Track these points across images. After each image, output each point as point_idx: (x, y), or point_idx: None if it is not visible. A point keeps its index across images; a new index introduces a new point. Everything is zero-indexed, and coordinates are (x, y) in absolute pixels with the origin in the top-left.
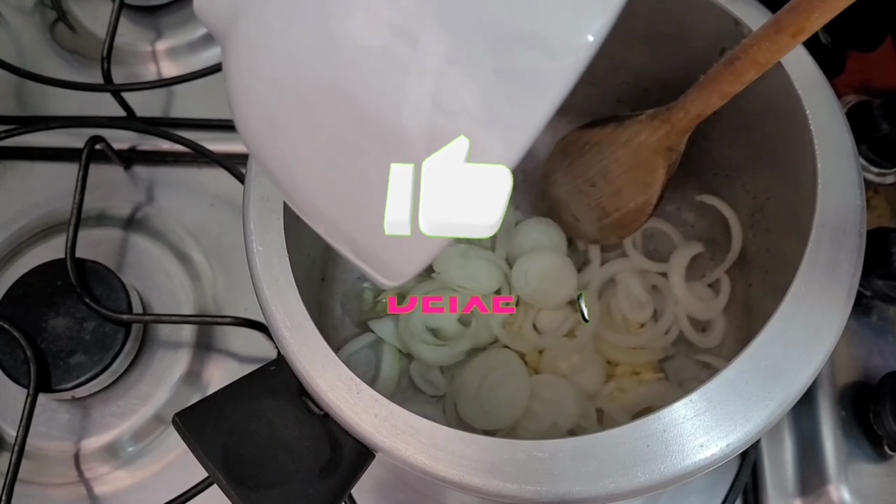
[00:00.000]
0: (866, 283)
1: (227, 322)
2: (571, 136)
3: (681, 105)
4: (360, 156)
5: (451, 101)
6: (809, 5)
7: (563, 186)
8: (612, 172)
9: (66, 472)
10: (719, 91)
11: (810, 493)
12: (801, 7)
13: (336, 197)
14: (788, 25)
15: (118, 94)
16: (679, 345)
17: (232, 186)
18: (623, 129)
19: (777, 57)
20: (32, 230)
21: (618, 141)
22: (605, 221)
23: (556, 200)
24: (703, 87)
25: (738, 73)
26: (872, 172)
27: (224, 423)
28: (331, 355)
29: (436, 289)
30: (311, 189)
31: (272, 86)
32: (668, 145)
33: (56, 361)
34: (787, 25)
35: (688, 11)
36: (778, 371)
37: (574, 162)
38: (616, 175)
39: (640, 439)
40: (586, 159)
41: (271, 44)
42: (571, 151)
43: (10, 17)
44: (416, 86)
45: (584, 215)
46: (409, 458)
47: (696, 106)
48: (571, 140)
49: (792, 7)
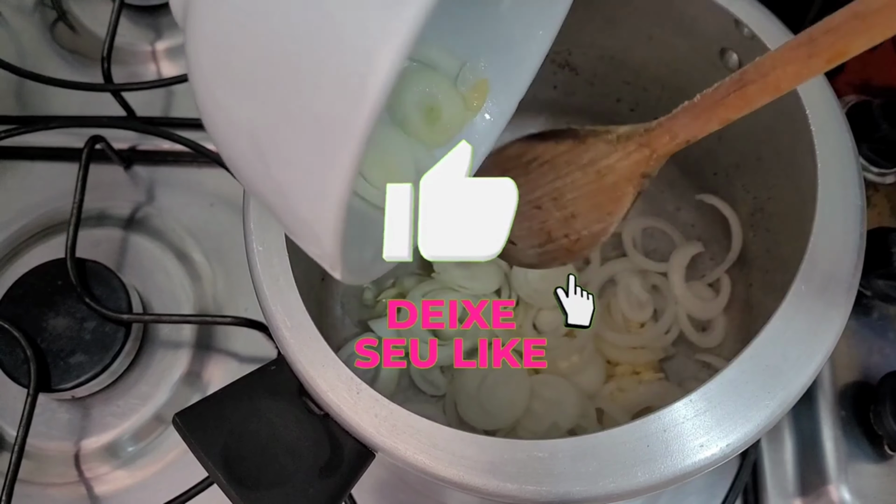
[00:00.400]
0: (866, 282)
1: (227, 322)
2: (512, 150)
3: (667, 127)
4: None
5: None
6: (856, 29)
7: None
8: (564, 196)
9: (66, 472)
10: (720, 116)
11: (810, 493)
12: (842, 29)
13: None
14: (826, 49)
15: (118, 94)
16: (679, 344)
17: (232, 186)
18: (585, 149)
19: (802, 82)
20: (33, 230)
21: (576, 161)
22: (549, 247)
23: None
24: (699, 110)
25: (749, 99)
26: (872, 172)
27: (224, 422)
28: (331, 355)
29: (436, 289)
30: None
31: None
32: (643, 171)
33: (56, 361)
34: (823, 49)
35: (688, 10)
36: (778, 371)
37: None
38: (570, 199)
39: (640, 439)
40: (532, 178)
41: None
42: (512, 167)
43: (10, 17)
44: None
45: (523, 239)
46: (410, 458)
47: (688, 130)
48: (513, 154)
49: (832, 28)
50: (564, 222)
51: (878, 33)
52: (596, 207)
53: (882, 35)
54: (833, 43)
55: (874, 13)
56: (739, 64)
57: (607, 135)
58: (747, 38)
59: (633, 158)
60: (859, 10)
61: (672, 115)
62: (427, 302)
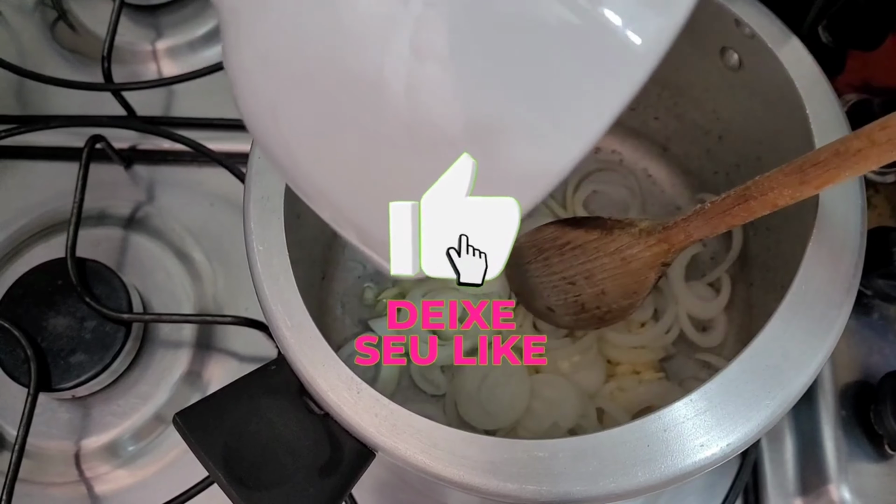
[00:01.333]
0: (867, 282)
1: (228, 321)
2: (549, 232)
3: (682, 227)
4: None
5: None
6: (839, 165)
7: (538, 279)
8: (595, 276)
9: (66, 472)
10: (727, 223)
11: (811, 493)
12: (829, 164)
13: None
14: (814, 179)
15: (118, 94)
16: (679, 344)
17: (232, 186)
18: (612, 239)
19: (797, 201)
20: (33, 229)
21: (604, 249)
22: (583, 316)
23: (527, 289)
24: (710, 216)
25: (751, 212)
26: (873, 172)
27: (224, 422)
28: (331, 355)
29: (436, 288)
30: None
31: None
32: (662, 261)
33: (56, 361)
34: (812, 178)
35: None
36: (778, 370)
37: (551, 259)
38: (601, 279)
39: (641, 439)
40: (566, 258)
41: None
42: (548, 248)
43: (10, 17)
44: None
45: (560, 308)
46: (410, 458)
47: (700, 232)
48: (549, 237)
49: (819, 163)
50: (596, 297)
51: (858, 169)
52: (622, 287)
53: (862, 171)
54: (820, 175)
55: (853, 154)
56: (740, 63)
57: (631, 228)
58: (747, 37)
59: (653, 251)
60: (840, 150)
61: (686, 218)
62: (427, 302)
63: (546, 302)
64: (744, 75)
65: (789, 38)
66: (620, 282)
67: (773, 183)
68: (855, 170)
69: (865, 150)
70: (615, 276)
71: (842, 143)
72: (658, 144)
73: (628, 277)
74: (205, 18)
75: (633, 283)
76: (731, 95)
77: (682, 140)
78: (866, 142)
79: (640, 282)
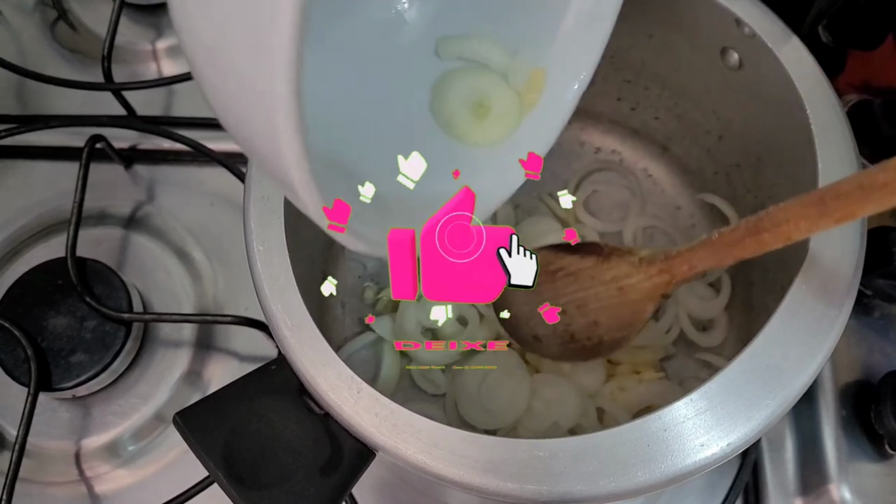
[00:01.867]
0: (867, 282)
1: (228, 321)
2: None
3: (686, 258)
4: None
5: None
6: (864, 198)
7: (525, 306)
8: (588, 305)
9: (66, 471)
10: (735, 255)
11: (811, 493)
12: (852, 197)
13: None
14: (835, 212)
15: (119, 93)
16: (680, 344)
17: (232, 185)
18: (609, 267)
19: (812, 234)
20: (33, 229)
21: (600, 277)
22: (572, 346)
23: (513, 315)
24: (717, 247)
25: (763, 244)
26: None
27: (224, 422)
28: (331, 354)
29: None
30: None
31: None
32: (662, 293)
33: (57, 360)
34: (833, 211)
35: (689, 9)
36: (779, 370)
37: (541, 285)
38: (593, 308)
39: (641, 438)
40: (558, 285)
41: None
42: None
43: (10, 16)
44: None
45: (548, 337)
46: (410, 458)
47: (706, 263)
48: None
49: (841, 195)
50: (587, 327)
51: (881, 203)
52: (617, 318)
53: (886, 205)
54: (841, 207)
55: (878, 187)
56: (740, 63)
57: (630, 256)
58: (748, 36)
59: (653, 281)
60: (864, 183)
61: (691, 248)
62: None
63: (533, 330)
64: (744, 75)
65: (790, 37)
66: (615, 313)
67: (788, 214)
68: (880, 204)
69: (891, 183)
70: (610, 307)
71: (866, 175)
72: (658, 144)
73: (624, 308)
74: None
75: (628, 315)
76: (731, 95)
77: (683, 140)
78: (893, 174)
79: (637, 313)
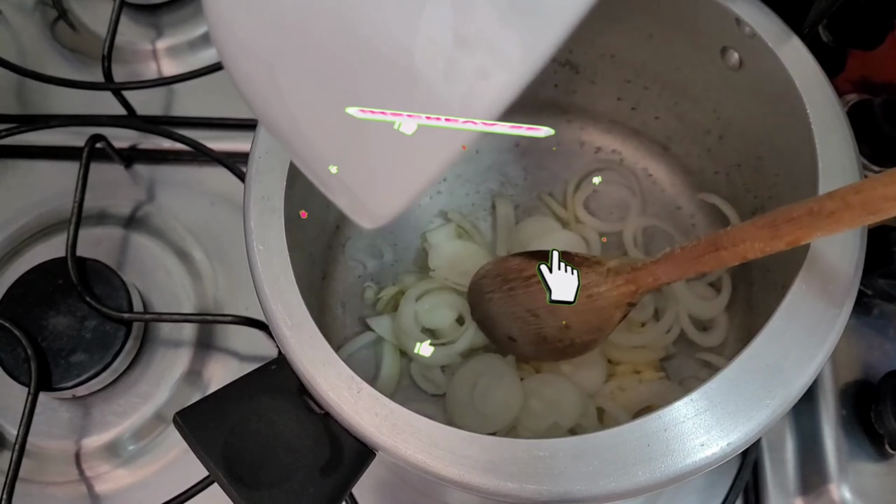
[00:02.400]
0: (867, 281)
1: (228, 321)
2: (515, 263)
3: (651, 270)
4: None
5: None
6: (812, 225)
7: (500, 308)
8: (560, 310)
9: (66, 471)
10: (696, 269)
11: (811, 492)
12: (802, 223)
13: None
14: (786, 235)
15: (119, 93)
16: (680, 344)
17: (232, 185)
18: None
19: (766, 254)
20: (33, 229)
21: None
22: (545, 347)
23: (488, 316)
24: (680, 261)
25: (721, 261)
26: (874, 171)
27: (225, 421)
28: (331, 354)
29: (435, 288)
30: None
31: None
32: (629, 301)
33: (57, 360)
34: (784, 234)
35: (689, 9)
36: (779, 370)
37: (517, 290)
38: (565, 314)
39: (641, 438)
40: (532, 291)
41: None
42: (514, 278)
43: (10, 16)
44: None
45: (522, 338)
46: (410, 458)
47: (668, 275)
48: (515, 267)
49: (792, 219)
50: (559, 330)
51: (830, 230)
52: (587, 323)
53: (835, 231)
54: (792, 231)
55: (826, 215)
56: (740, 63)
57: (598, 266)
58: (748, 36)
59: (620, 291)
60: (814, 209)
61: (656, 260)
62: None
63: (508, 331)
64: (744, 75)
65: (790, 37)
66: (585, 318)
67: (744, 235)
68: (827, 230)
69: (839, 213)
70: (580, 312)
71: (816, 202)
72: (658, 144)
73: (593, 314)
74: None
75: (597, 320)
76: (731, 95)
77: (683, 140)
78: (840, 203)
79: (605, 319)
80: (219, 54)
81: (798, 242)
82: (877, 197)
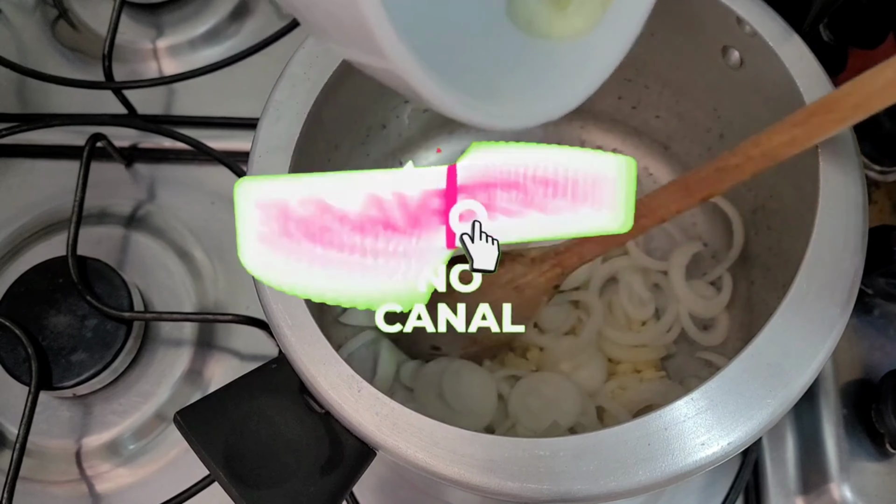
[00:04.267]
0: (868, 281)
1: (229, 320)
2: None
3: (575, 251)
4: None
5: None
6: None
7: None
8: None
9: (67, 470)
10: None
11: (812, 492)
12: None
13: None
14: (697, 192)
15: (119, 92)
16: (681, 343)
17: (233, 184)
18: (505, 271)
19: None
20: (34, 228)
21: (497, 282)
22: (473, 349)
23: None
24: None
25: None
26: (874, 170)
27: (225, 421)
28: (332, 353)
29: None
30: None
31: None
32: (555, 284)
33: (57, 359)
34: (696, 192)
35: (690, 8)
36: (779, 369)
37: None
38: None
39: (642, 437)
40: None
41: None
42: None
43: (11, 15)
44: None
45: (448, 346)
46: (410, 457)
47: (593, 251)
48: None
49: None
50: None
51: (736, 179)
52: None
53: (739, 180)
54: (702, 188)
55: (731, 168)
56: (741, 61)
57: (522, 258)
58: (749, 35)
59: (547, 276)
60: (720, 166)
61: (579, 241)
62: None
63: (430, 341)
64: (745, 74)
65: (790, 36)
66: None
67: (660, 200)
68: (734, 180)
69: (742, 165)
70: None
71: (722, 159)
72: (659, 143)
73: (522, 305)
74: (206, 17)
75: (525, 310)
76: (732, 94)
77: (684, 139)
78: (743, 157)
79: (533, 307)
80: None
81: (711, 196)
82: (773, 146)
